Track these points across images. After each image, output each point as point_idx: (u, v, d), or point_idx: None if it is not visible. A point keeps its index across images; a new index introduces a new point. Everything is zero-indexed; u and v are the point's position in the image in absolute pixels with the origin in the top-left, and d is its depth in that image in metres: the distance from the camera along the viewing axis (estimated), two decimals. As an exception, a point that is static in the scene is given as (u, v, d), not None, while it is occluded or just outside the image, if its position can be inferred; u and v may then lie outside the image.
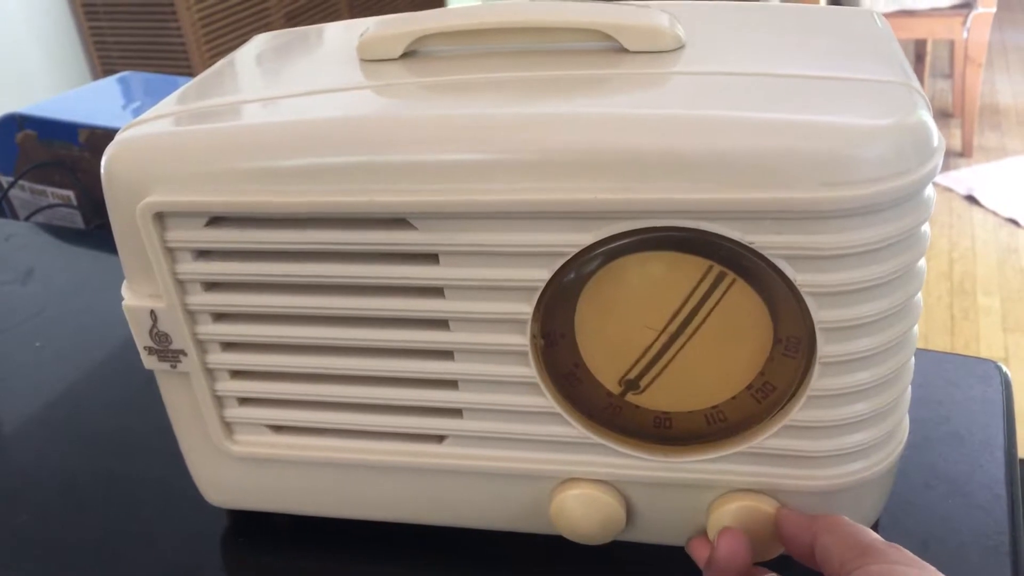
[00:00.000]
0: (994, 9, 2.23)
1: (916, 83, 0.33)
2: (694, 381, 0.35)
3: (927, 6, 2.26)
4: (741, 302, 0.33)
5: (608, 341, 0.34)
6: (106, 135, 0.78)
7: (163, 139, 0.35)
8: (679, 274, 0.33)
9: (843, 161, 0.29)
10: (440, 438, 0.38)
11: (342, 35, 0.44)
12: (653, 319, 0.34)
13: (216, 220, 0.35)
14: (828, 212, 0.30)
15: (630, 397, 0.35)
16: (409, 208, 0.32)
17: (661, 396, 0.35)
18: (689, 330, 0.33)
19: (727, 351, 0.34)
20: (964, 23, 2.24)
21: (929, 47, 2.66)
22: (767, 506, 0.35)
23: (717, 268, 0.32)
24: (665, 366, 0.34)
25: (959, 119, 2.45)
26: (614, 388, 0.35)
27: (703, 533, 0.37)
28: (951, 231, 2.08)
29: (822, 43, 0.37)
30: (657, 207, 0.31)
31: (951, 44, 2.45)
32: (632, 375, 0.35)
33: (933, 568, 0.29)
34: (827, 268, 0.31)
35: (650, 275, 0.33)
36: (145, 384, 0.50)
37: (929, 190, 0.32)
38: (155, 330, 0.37)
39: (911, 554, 0.30)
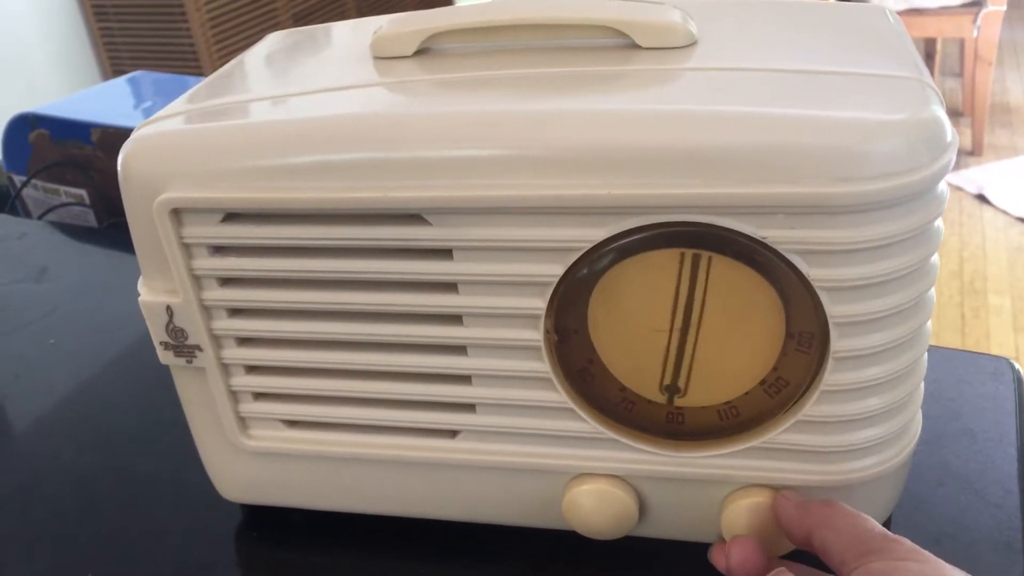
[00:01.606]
0: (1004, 7, 2.22)
1: (929, 79, 0.33)
2: (719, 375, 0.35)
3: (937, 4, 2.25)
4: (738, 284, 0.32)
5: (622, 336, 0.35)
6: (119, 134, 0.78)
7: (179, 136, 0.36)
8: (668, 268, 0.33)
9: (856, 156, 0.29)
10: (453, 433, 0.38)
11: (353, 34, 0.45)
12: (661, 317, 0.34)
13: (232, 216, 0.35)
14: (841, 207, 0.30)
15: (679, 401, 0.35)
16: (423, 204, 0.33)
17: (704, 393, 0.35)
18: (694, 320, 0.33)
19: (740, 344, 0.34)
20: (974, 21, 2.23)
21: (939, 45, 2.65)
22: (780, 501, 0.35)
23: (690, 252, 0.32)
24: (691, 364, 0.34)
25: (969, 118, 2.44)
26: (659, 399, 0.35)
27: (722, 541, 0.37)
28: (961, 230, 2.07)
29: (834, 39, 0.37)
30: (670, 202, 0.31)
31: (961, 42, 2.44)
32: (668, 380, 0.35)
33: (934, 557, 0.29)
34: (840, 263, 0.31)
35: (651, 271, 0.33)
36: (159, 380, 0.50)
37: (942, 185, 0.32)
38: (171, 325, 0.37)
39: (911, 544, 0.29)
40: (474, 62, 0.37)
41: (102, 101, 0.86)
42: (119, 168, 0.35)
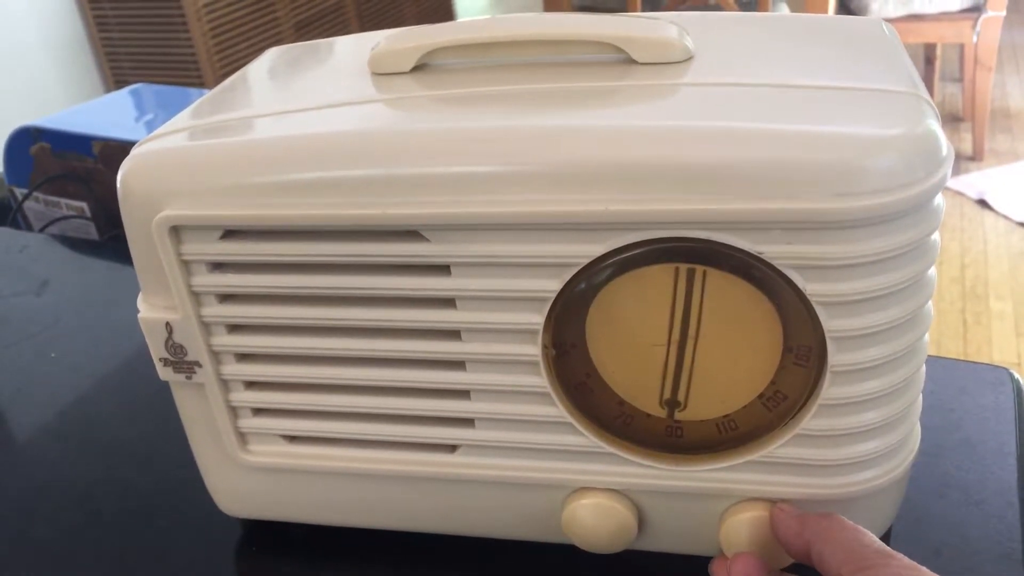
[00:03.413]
0: (1004, 12, 2.22)
1: (925, 92, 0.33)
2: (718, 389, 0.35)
3: (936, 10, 2.25)
4: (736, 298, 0.32)
5: (620, 350, 0.35)
6: (120, 147, 0.79)
7: (178, 154, 0.36)
8: (665, 282, 0.33)
9: (852, 172, 0.29)
10: (452, 448, 0.38)
11: (353, 49, 0.45)
12: (659, 332, 0.34)
13: (231, 233, 0.35)
14: (837, 222, 0.30)
15: (679, 415, 0.35)
16: (421, 220, 0.33)
17: (704, 407, 0.35)
18: (692, 334, 0.34)
19: (738, 358, 0.34)
20: (974, 27, 2.24)
21: (939, 51, 2.65)
22: (779, 515, 0.35)
23: (687, 267, 0.32)
24: (690, 378, 0.34)
25: (970, 123, 2.44)
26: (658, 413, 0.35)
27: (723, 554, 0.37)
28: (962, 235, 2.07)
29: (830, 53, 0.38)
30: (667, 218, 0.31)
31: (961, 48, 2.45)
32: (667, 394, 0.35)
33: (931, 573, 0.29)
34: (837, 278, 0.31)
35: (649, 286, 0.33)
36: (159, 395, 0.50)
37: (938, 199, 0.32)
38: (170, 342, 0.37)
39: (908, 560, 0.29)
40: (472, 78, 0.37)
41: (103, 114, 0.86)
42: (118, 186, 0.35)
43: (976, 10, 2.23)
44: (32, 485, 0.49)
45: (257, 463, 0.40)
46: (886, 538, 0.35)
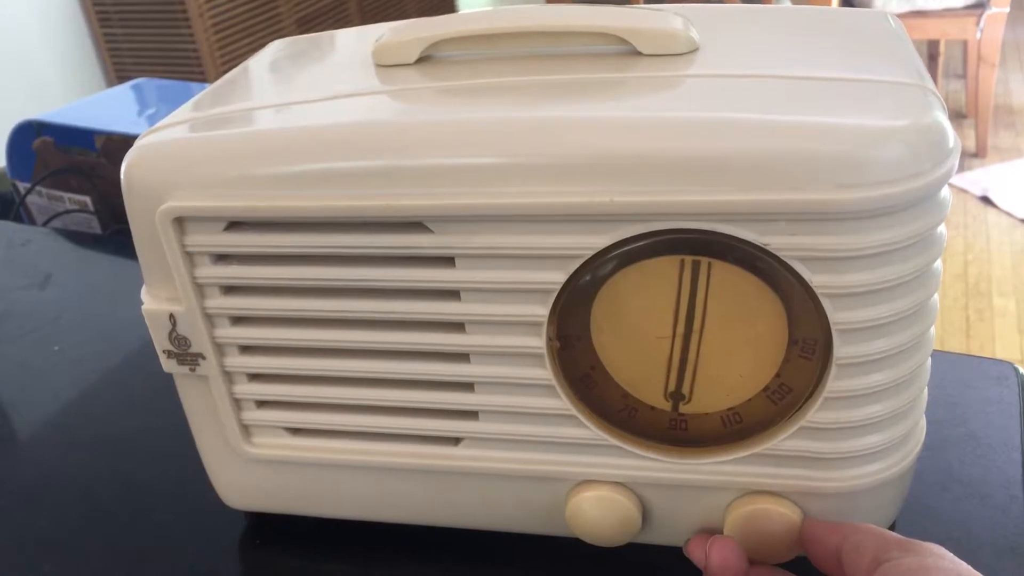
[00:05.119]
0: (1007, 8, 2.22)
1: (931, 84, 0.33)
2: (723, 381, 0.35)
3: (940, 6, 2.25)
4: (741, 290, 0.32)
5: (624, 343, 0.35)
6: (123, 141, 0.79)
7: (182, 145, 0.36)
8: (670, 274, 0.33)
9: (858, 162, 0.29)
10: (456, 440, 0.38)
11: (356, 41, 0.45)
12: (664, 324, 0.34)
13: (235, 224, 0.35)
14: (843, 213, 0.30)
15: (684, 408, 0.35)
16: (425, 211, 0.33)
17: (709, 400, 0.35)
18: (697, 327, 0.33)
19: (743, 351, 0.34)
20: (977, 23, 2.23)
21: (942, 47, 2.65)
22: (784, 508, 0.35)
23: (692, 259, 0.32)
24: (695, 371, 0.34)
25: (973, 120, 2.44)
26: (663, 406, 0.35)
27: (700, 534, 0.37)
28: (966, 232, 2.07)
29: (836, 45, 0.37)
30: (672, 209, 0.31)
31: (964, 44, 2.44)
32: (672, 387, 0.35)
33: (967, 566, 0.29)
34: (843, 269, 0.31)
35: (653, 278, 0.33)
36: (163, 387, 0.50)
37: (945, 191, 0.32)
38: (174, 334, 0.37)
39: (947, 552, 0.30)
40: (476, 69, 0.37)
41: (106, 108, 0.86)
42: (122, 177, 0.35)
43: (980, 6, 2.23)
44: (35, 479, 0.49)
45: (261, 456, 0.40)
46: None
